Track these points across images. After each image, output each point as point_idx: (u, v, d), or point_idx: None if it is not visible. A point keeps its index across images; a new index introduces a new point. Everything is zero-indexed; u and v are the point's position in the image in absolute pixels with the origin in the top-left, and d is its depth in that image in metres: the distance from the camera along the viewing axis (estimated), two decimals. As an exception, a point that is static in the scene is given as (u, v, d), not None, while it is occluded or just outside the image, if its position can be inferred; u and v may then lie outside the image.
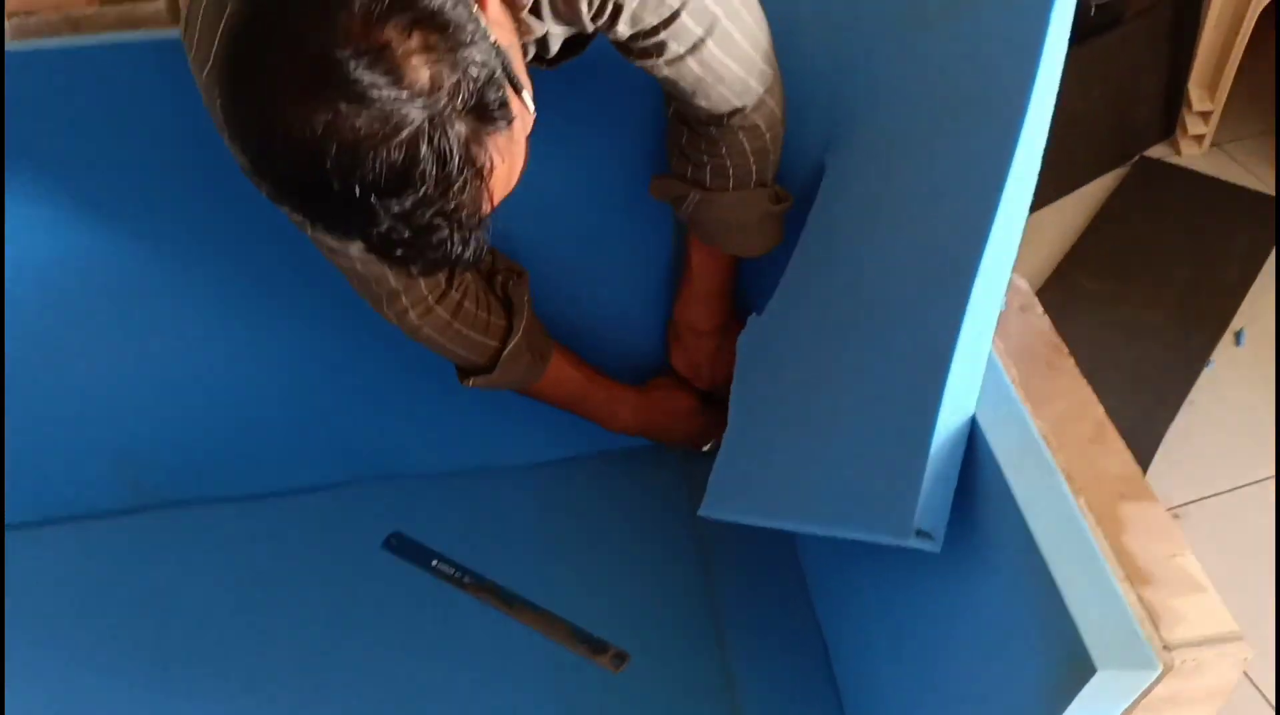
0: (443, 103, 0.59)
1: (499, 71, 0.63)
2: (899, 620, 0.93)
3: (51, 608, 1.10)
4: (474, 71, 0.61)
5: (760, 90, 0.91)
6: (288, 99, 0.58)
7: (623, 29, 0.80)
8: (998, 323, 0.87)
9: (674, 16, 0.81)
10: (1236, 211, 2.12)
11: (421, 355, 1.13)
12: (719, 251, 1.06)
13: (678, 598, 1.10)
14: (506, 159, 0.65)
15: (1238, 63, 2.12)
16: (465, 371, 1.05)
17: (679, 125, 0.97)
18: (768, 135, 0.95)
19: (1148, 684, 0.68)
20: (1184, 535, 0.75)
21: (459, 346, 1.00)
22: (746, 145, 0.95)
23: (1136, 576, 0.72)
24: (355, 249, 0.85)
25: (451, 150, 0.60)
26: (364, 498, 1.19)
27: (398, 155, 0.58)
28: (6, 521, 1.15)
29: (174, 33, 0.79)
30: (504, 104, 0.63)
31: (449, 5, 0.60)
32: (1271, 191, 2.18)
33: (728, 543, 1.14)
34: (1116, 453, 0.80)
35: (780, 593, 1.10)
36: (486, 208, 0.64)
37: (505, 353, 1.02)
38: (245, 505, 1.18)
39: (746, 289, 1.14)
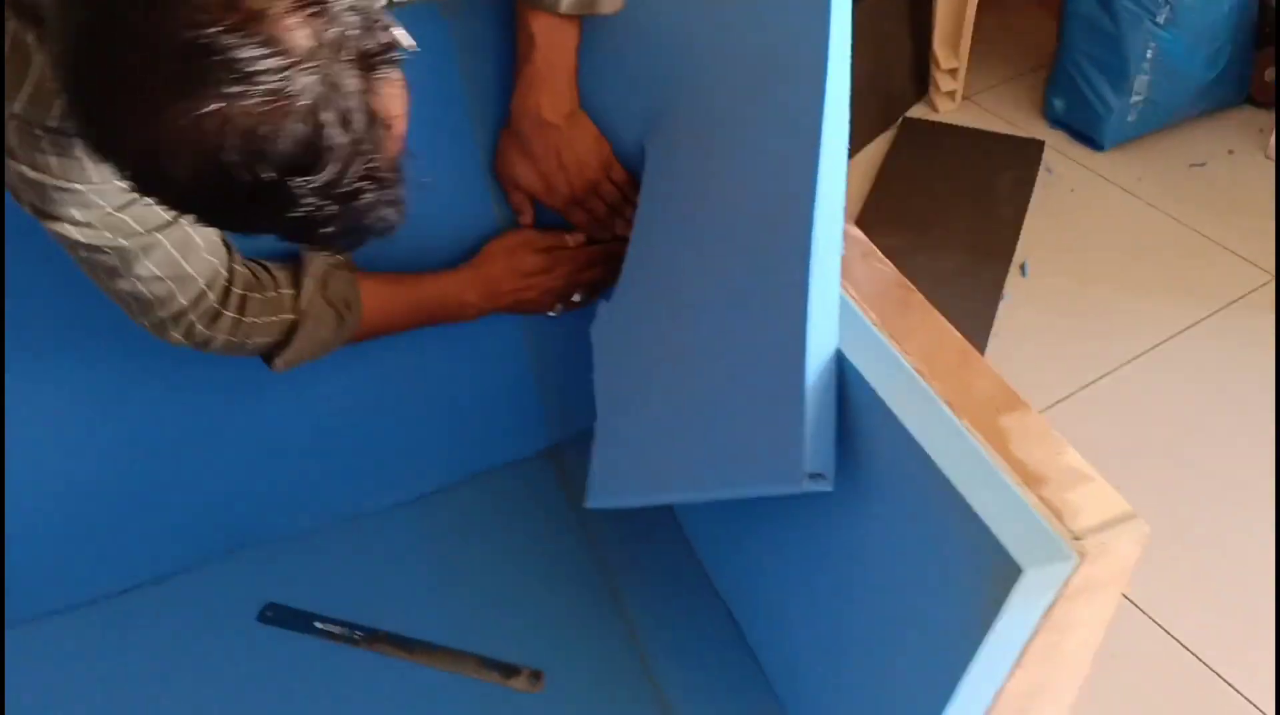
0: (328, 60, 0.56)
1: (372, 12, 0.59)
2: (802, 577, 0.95)
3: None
4: (349, 19, 0.57)
5: None
6: (167, 99, 0.53)
7: None
8: (845, 272, 0.91)
9: None
10: (997, 155, 2.28)
11: (255, 414, 1.07)
12: (562, 20, 0.95)
13: (580, 604, 1.09)
14: (400, 100, 0.62)
15: (973, 19, 2.28)
16: (271, 354, 0.96)
17: None
18: None
19: (1067, 575, 0.72)
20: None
21: (256, 337, 0.92)
22: None
23: (1030, 479, 0.76)
24: (142, 268, 0.79)
25: (352, 108, 0.57)
26: (227, 574, 1.11)
27: (301, 128, 0.55)
28: None
29: None
30: (387, 46, 0.60)
31: None
32: (1021, 133, 2.35)
33: (618, 539, 1.14)
34: (984, 373, 0.84)
35: (679, 578, 1.10)
36: (396, 157, 0.62)
37: (299, 316, 0.93)
38: (96, 609, 1.08)
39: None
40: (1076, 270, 2.07)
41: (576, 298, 1.11)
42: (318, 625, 1.07)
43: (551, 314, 1.12)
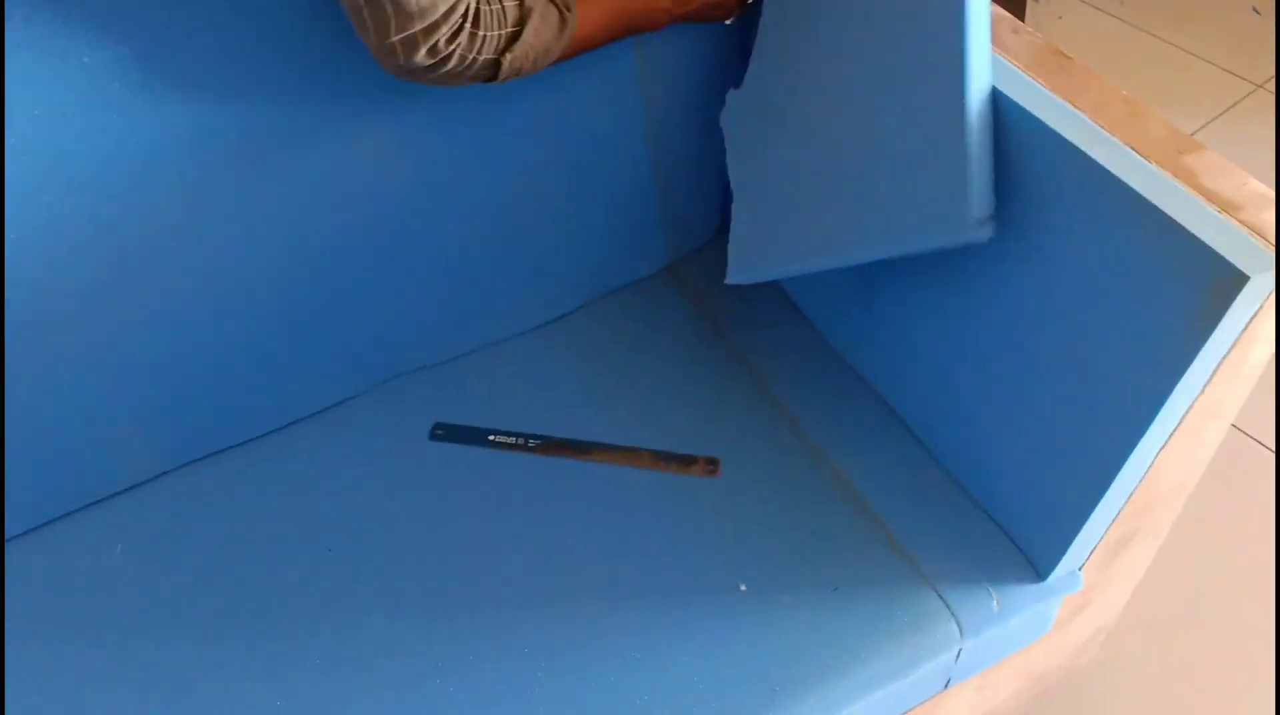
0: None
1: None
2: (965, 334, 1.00)
3: (107, 600, 1.00)
4: None
5: None
6: None
7: None
8: (1000, 44, 0.96)
9: None
10: None
11: (407, 242, 1.08)
12: None
13: (733, 398, 1.14)
14: None
15: None
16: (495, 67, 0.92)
17: None
18: None
19: (1274, 283, 0.79)
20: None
21: (485, 52, 0.89)
22: None
23: (1226, 205, 0.83)
24: None
25: None
26: (390, 400, 1.14)
27: None
28: (22, 526, 1.03)
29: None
30: None
31: None
32: None
33: (754, 338, 1.19)
34: (1155, 121, 0.90)
35: (821, 367, 1.16)
36: None
37: (526, 13, 0.91)
38: (271, 441, 1.10)
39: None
40: (1077, 91, 2.14)
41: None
42: (491, 438, 1.11)
43: (728, 22, 1.11)
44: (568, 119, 1.10)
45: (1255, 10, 2.31)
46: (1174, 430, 0.91)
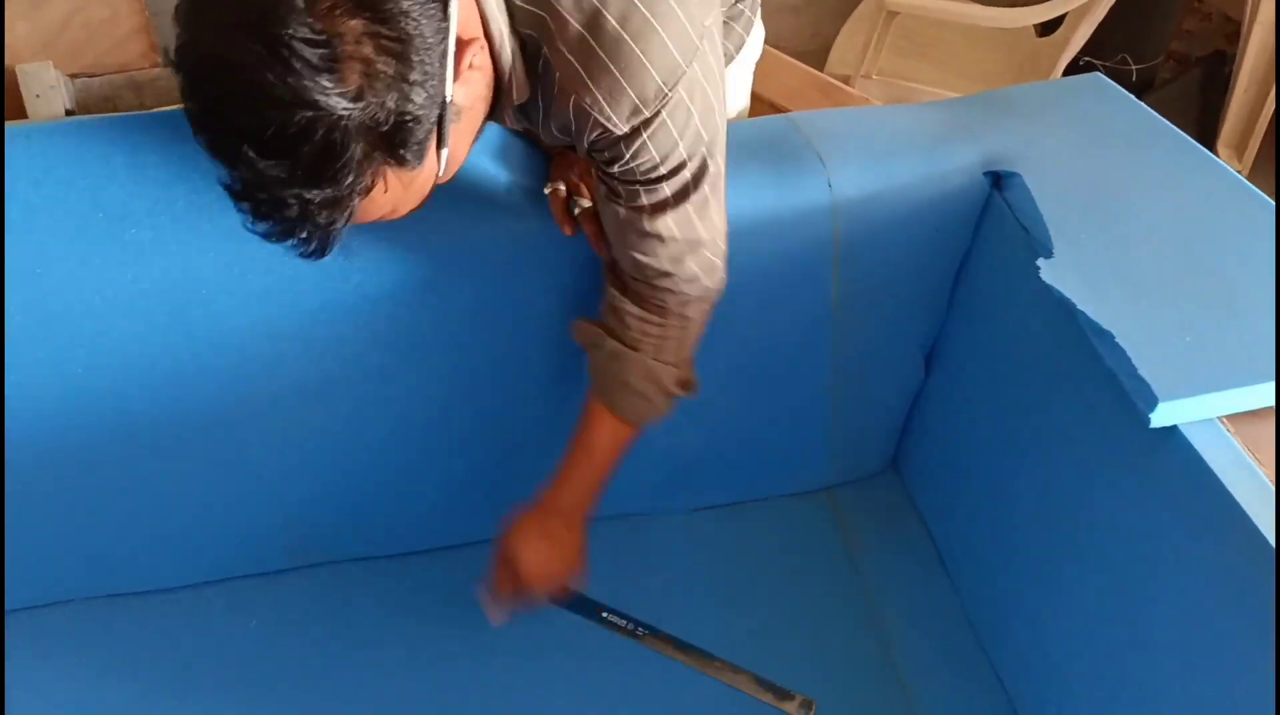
0: (356, 114, 0.61)
1: (430, 122, 0.66)
2: (1085, 624, 0.95)
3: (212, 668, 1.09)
4: (404, 107, 0.63)
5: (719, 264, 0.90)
6: (230, 23, 0.59)
7: (616, 169, 0.82)
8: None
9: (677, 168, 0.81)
10: None
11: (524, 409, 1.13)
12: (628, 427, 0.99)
13: (853, 646, 1.11)
14: (392, 193, 0.68)
15: (1266, 125, 2.21)
16: None
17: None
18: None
19: None
20: None
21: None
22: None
23: None
24: None
25: (339, 154, 0.61)
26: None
27: (288, 125, 0.60)
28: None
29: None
30: (418, 150, 0.66)
31: (421, 42, 0.63)
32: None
33: (889, 586, 1.16)
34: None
35: (948, 637, 1.12)
36: (344, 221, 0.66)
37: None
38: (408, 560, 1.18)
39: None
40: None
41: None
42: (603, 614, 1.12)
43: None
44: (757, 326, 1.12)
45: None
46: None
